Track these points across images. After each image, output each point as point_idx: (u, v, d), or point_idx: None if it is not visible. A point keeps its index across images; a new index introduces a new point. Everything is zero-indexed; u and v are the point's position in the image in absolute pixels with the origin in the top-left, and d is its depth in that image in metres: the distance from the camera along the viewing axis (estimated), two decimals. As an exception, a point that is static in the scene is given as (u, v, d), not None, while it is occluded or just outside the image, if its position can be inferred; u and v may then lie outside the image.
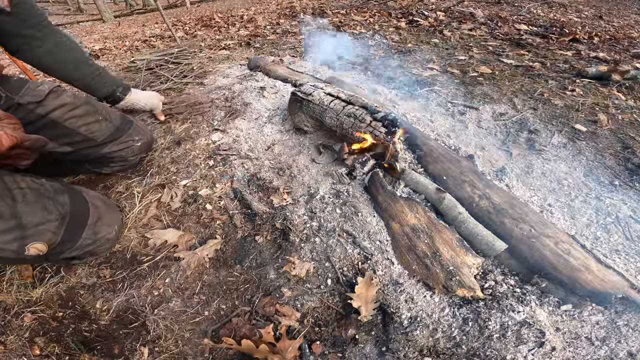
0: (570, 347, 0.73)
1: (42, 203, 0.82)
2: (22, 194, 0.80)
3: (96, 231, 0.94)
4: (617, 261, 0.91)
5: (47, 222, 0.81)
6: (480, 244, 0.91)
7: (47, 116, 1.01)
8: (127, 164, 1.26)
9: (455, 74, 1.97)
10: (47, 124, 1.01)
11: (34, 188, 0.83)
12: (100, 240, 0.96)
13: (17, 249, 0.77)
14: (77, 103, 1.07)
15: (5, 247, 0.76)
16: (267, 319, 0.86)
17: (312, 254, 0.98)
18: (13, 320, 0.90)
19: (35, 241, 0.79)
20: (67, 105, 1.04)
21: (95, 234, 0.94)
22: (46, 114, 1.01)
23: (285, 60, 2.34)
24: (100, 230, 0.95)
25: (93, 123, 1.09)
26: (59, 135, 1.02)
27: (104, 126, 1.12)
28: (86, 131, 1.08)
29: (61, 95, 1.05)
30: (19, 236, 0.77)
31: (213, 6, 5.46)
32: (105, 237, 0.97)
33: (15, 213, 0.77)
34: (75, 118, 1.06)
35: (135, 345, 0.85)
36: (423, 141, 1.20)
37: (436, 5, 3.70)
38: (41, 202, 0.82)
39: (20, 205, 0.78)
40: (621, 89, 1.71)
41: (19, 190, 0.79)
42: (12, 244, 0.77)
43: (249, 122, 1.58)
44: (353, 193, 1.11)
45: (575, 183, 1.18)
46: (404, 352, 0.77)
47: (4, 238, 0.76)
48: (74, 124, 1.05)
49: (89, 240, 0.92)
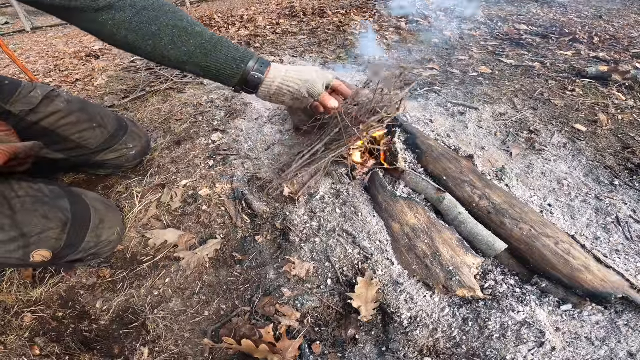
0: (570, 347, 0.73)
1: (42, 210, 0.79)
2: (21, 202, 0.77)
3: (99, 234, 0.93)
4: (617, 261, 0.91)
5: (48, 230, 0.79)
6: (480, 244, 0.91)
7: (39, 123, 0.97)
8: (121, 169, 1.25)
9: (455, 74, 1.97)
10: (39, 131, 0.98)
11: (33, 195, 0.80)
12: (103, 243, 0.95)
13: (21, 256, 0.77)
14: (70, 110, 1.03)
15: (9, 256, 0.76)
16: (267, 319, 0.86)
17: (312, 254, 0.98)
18: (13, 320, 0.90)
19: (39, 248, 0.78)
20: (60, 112, 1.00)
21: (98, 237, 0.93)
22: (38, 122, 0.97)
23: (285, 60, 2.34)
24: (102, 233, 0.94)
25: (86, 130, 1.06)
26: (51, 143, 0.99)
27: (97, 133, 1.08)
28: (79, 139, 1.04)
29: (54, 102, 1.00)
30: (22, 245, 0.76)
31: (213, 6, 5.46)
32: (108, 240, 0.97)
33: (16, 223, 0.74)
34: (68, 125, 1.02)
35: (135, 345, 0.85)
36: (423, 141, 1.20)
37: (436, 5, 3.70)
38: (41, 209, 0.79)
39: (20, 215, 0.75)
40: (621, 89, 1.71)
41: (17, 200, 0.76)
42: (17, 253, 0.76)
43: (249, 122, 1.58)
44: (353, 193, 1.11)
45: (575, 183, 1.18)
46: (404, 352, 0.77)
47: (7, 248, 0.74)
48: (66, 132, 1.02)
49: (92, 244, 0.91)
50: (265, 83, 0.77)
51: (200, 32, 0.73)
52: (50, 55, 3.13)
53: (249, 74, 0.76)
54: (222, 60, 0.73)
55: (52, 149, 1.01)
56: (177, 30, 0.71)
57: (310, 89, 0.79)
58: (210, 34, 0.75)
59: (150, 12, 0.70)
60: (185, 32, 0.72)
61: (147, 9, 0.70)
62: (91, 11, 0.67)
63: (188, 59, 0.73)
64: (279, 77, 0.77)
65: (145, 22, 0.70)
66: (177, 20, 0.72)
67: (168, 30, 0.70)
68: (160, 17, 0.70)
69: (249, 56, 0.76)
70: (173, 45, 0.71)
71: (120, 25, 0.69)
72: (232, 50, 0.75)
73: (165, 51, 0.72)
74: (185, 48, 0.72)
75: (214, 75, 0.77)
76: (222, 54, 0.73)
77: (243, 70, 0.75)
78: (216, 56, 0.73)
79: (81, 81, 2.32)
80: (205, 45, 0.72)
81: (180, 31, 0.71)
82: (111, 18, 0.68)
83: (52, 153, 1.03)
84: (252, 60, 0.76)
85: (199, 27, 0.75)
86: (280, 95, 0.80)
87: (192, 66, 0.76)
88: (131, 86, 2.10)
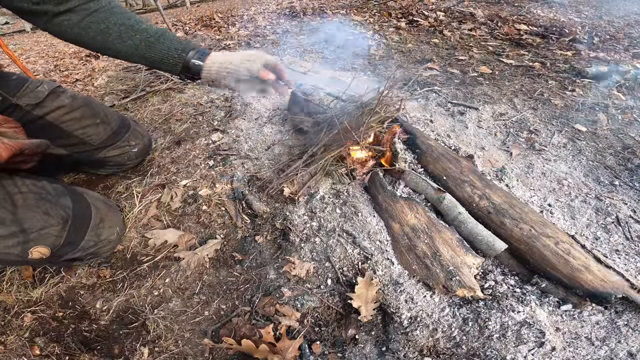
0: (570, 347, 0.73)
1: (43, 207, 0.80)
2: (23, 198, 0.78)
3: (98, 233, 0.93)
4: (617, 261, 0.91)
5: (49, 227, 0.80)
6: (480, 244, 0.91)
7: (44, 118, 0.99)
8: (123, 167, 1.26)
9: (455, 74, 1.97)
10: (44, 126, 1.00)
11: (35, 192, 0.81)
12: (102, 242, 0.95)
13: (20, 252, 0.77)
14: (75, 105, 1.06)
15: (8, 252, 0.76)
16: (267, 319, 0.86)
17: (312, 254, 0.98)
18: (13, 320, 0.90)
19: (38, 245, 0.78)
20: (65, 107, 1.03)
21: (97, 236, 0.93)
22: (43, 116, 0.99)
23: (285, 60, 2.34)
24: (102, 233, 0.95)
25: (90, 126, 1.07)
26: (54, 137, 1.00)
27: (100, 129, 1.10)
28: (82, 134, 1.06)
29: (60, 97, 1.03)
30: (22, 241, 0.76)
31: (213, 6, 5.46)
32: (108, 239, 0.97)
33: (17, 218, 0.75)
34: (72, 121, 1.04)
35: (135, 345, 0.85)
36: (423, 141, 1.20)
37: (436, 5, 3.70)
38: (43, 206, 0.80)
39: (21, 210, 0.76)
40: (621, 89, 1.71)
41: (19, 195, 0.78)
42: (15, 249, 0.76)
43: (249, 122, 1.58)
44: (353, 193, 1.11)
45: (575, 183, 1.18)
46: (404, 352, 0.77)
47: (6, 243, 0.75)
48: (70, 127, 1.04)
49: (91, 242, 0.91)
50: (205, 68, 0.85)
51: (146, 28, 0.84)
52: (50, 55, 3.14)
53: (190, 61, 0.84)
54: (165, 51, 0.83)
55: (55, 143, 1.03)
56: (124, 27, 0.82)
57: (249, 67, 0.85)
58: (155, 29, 0.84)
59: (101, 14, 0.82)
60: (132, 28, 0.83)
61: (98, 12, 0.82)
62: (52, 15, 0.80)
63: (134, 52, 0.84)
64: (217, 62, 0.85)
65: (95, 22, 0.82)
66: (125, 19, 0.83)
67: (115, 27, 0.82)
68: (109, 18, 0.82)
69: (190, 46, 0.85)
70: (120, 40, 0.83)
71: (74, 25, 0.82)
72: (174, 42, 0.84)
73: (112, 45, 0.83)
74: (131, 42, 0.83)
75: (158, 65, 0.86)
76: (164, 45, 0.83)
77: (184, 59, 0.84)
78: (159, 47, 0.83)
79: (81, 81, 2.32)
80: (150, 39, 0.83)
81: (127, 28, 0.83)
82: (67, 19, 0.81)
83: (56, 149, 1.04)
84: (192, 50, 0.85)
85: (145, 24, 0.85)
86: (222, 77, 0.87)
87: (138, 58, 0.86)
88: (131, 86, 2.10)
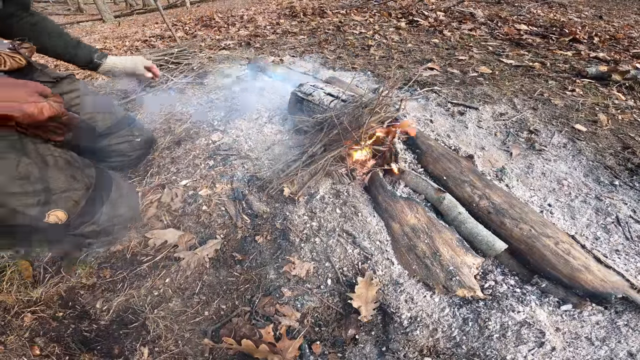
0: (570, 347, 0.73)
1: (71, 171, 0.86)
2: (55, 160, 0.83)
3: (115, 207, 0.97)
4: (617, 261, 0.91)
5: (72, 190, 0.84)
6: (480, 244, 0.91)
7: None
8: (125, 159, 1.27)
9: (455, 74, 1.97)
10: None
11: (65, 158, 0.87)
12: (117, 218, 0.98)
13: (37, 214, 0.78)
14: (87, 92, 1.14)
15: (25, 211, 0.77)
16: (267, 319, 0.86)
17: (312, 254, 0.98)
18: (13, 320, 0.90)
19: (57, 208, 0.81)
20: (78, 91, 1.10)
21: (114, 209, 0.96)
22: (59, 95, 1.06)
23: (285, 60, 2.34)
24: (119, 208, 0.98)
25: (97, 113, 1.14)
26: None
27: (106, 117, 1.17)
28: (89, 119, 1.11)
29: (75, 82, 1.12)
30: (43, 201, 0.78)
31: (213, 6, 5.46)
32: (123, 216, 1.00)
33: (44, 176, 0.79)
34: (82, 105, 1.10)
35: (135, 345, 0.85)
36: (423, 141, 1.20)
37: (436, 5, 3.70)
38: (70, 170, 0.86)
39: (51, 170, 0.81)
40: (621, 89, 1.71)
41: (51, 157, 0.83)
42: (33, 209, 0.77)
43: (249, 122, 1.58)
44: (353, 193, 1.11)
45: (575, 183, 1.18)
46: (404, 352, 0.77)
47: (26, 201, 0.76)
48: (79, 110, 1.09)
49: (106, 217, 0.94)
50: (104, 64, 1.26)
51: (67, 34, 1.19)
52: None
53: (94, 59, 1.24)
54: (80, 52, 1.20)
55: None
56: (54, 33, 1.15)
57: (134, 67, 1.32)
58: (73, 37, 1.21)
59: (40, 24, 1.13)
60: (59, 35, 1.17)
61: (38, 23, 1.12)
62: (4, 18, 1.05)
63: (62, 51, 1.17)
64: (112, 61, 1.27)
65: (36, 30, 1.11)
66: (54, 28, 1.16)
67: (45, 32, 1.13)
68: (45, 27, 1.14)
69: (95, 50, 1.25)
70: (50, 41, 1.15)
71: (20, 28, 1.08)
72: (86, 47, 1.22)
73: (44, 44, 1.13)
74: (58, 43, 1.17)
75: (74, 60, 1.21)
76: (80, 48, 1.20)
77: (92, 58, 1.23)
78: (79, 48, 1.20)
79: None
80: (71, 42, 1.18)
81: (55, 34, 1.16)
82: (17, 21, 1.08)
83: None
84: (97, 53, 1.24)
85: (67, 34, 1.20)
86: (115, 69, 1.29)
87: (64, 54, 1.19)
88: (131, 86, 2.09)
